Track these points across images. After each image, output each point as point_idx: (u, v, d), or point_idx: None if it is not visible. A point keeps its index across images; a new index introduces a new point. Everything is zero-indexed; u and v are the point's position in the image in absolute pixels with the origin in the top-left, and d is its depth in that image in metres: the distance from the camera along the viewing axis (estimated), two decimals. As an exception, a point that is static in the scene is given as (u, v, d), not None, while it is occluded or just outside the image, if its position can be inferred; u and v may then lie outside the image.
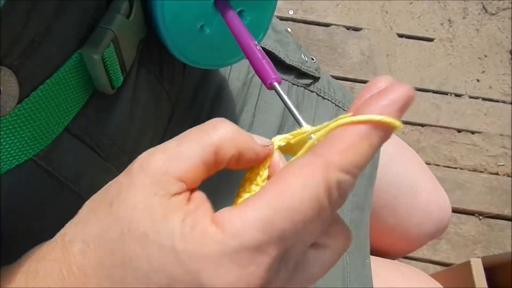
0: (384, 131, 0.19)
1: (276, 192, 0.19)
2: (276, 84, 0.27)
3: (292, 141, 0.24)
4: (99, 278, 0.20)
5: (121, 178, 0.21)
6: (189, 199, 0.21)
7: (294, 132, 0.24)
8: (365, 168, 0.21)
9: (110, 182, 0.22)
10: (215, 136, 0.21)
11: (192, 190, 0.21)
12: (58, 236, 0.22)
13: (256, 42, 0.30)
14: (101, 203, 0.21)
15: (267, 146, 0.24)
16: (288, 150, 0.25)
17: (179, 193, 0.20)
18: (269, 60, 0.28)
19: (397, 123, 0.19)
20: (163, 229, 0.19)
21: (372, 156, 0.20)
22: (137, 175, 0.20)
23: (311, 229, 0.19)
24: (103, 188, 0.22)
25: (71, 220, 0.22)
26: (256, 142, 0.23)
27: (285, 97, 0.26)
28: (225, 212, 0.19)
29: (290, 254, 0.20)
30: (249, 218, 0.18)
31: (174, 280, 0.18)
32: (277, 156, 0.24)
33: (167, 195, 0.20)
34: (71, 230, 0.22)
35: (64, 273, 0.20)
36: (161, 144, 0.22)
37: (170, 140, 0.22)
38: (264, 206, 0.18)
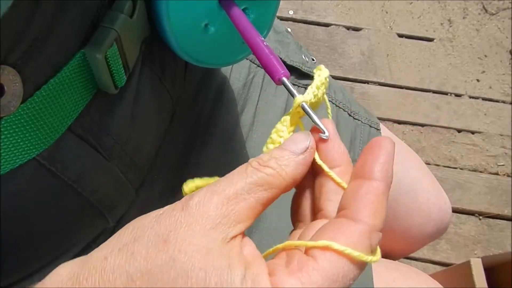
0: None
1: (331, 264, 0.20)
2: (284, 79, 0.27)
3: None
4: None
5: (177, 213, 0.21)
6: (241, 241, 0.21)
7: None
8: None
9: (161, 211, 0.22)
10: (263, 173, 0.22)
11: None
12: (96, 258, 0.21)
13: (263, 38, 0.30)
14: (151, 234, 0.21)
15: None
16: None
17: (236, 236, 0.21)
18: (276, 56, 0.28)
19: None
20: (226, 281, 0.19)
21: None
22: (195, 213, 0.21)
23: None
24: (151, 215, 0.22)
25: (111, 240, 0.22)
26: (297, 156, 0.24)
27: (295, 92, 0.26)
28: (284, 276, 0.20)
29: None
30: (306, 283, 0.19)
31: None
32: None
33: (226, 239, 0.21)
34: (114, 257, 0.21)
35: None
36: (213, 184, 0.22)
37: (219, 181, 0.22)
38: (321, 279, 0.20)
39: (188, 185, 0.25)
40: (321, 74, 0.27)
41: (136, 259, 0.20)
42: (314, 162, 0.25)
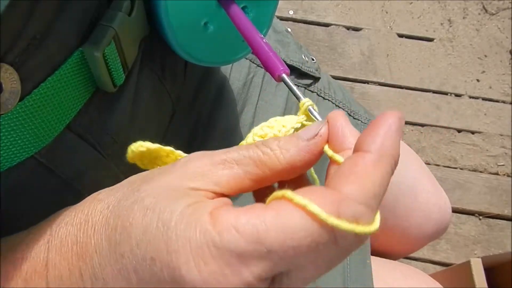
0: (394, 157, 0.21)
1: (278, 212, 0.18)
2: (284, 75, 0.27)
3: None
4: (101, 237, 0.21)
5: (171, 166, 0.22)
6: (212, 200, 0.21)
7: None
8: (382, 199, 0.20)
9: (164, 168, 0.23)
10: (260, 151, 0.22)
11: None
12: (94, 193, 0.24)
13: (262, 36, 0.30)
14: (138, 177, 0.23)
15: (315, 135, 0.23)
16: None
17: (202, 191, 0.21)
18: (276, 53, 0.28)
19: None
20: (169, 207, 0.19)
21: (387, 185, 0.20)
22: (180, 167, 0.22)
23: (306, 261, 0.18)
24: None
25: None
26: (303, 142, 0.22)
27: (294, 88, 0.26)
28: (225, 209, 0.19)
29: (282, 279, 0.19)
30: (240, 223, 0.18)
31: (156, 257, 0.18)
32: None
33: (194, 189, 0.21)
34: (105, 192, 0.23)
35: (82, 225, 0.22)
36: (214, 151, 0.22)
37: (219, 150, 0.22)
38: (260, 219, 0.18)
39: (134, 145, 0.24)
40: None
41: (116, 193, 0.22)
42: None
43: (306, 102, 0.26)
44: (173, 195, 0.20)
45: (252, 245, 0.17)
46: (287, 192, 0.18)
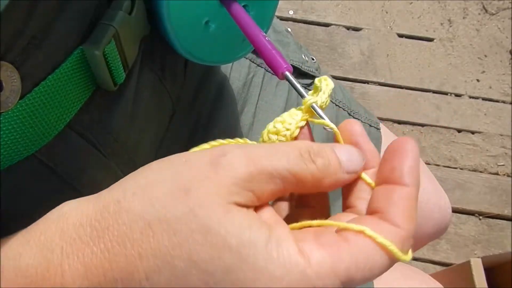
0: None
1: (366, 254, 0.20)
2: (288, 73, 0.27)
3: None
4: (156, 265, 0.19)
5: (203, 166, 0.20)
6: (259, 210, 0.21)
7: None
8: None
9: (184, 158, 0.21)
10: (307, 170, 0.21)
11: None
12: (108, 200, 0.21)
13: (264, 33, 0.30)
14: (171, 183, 0.20)
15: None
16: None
17: (251, 207, 0.20)
18: (279, 51, 0.28)
19: None
20: (250, 242, 0.19)
21: None
22: (224, 174, 0.20)
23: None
24: (173, 161, 0.21)
25: (124, 182, 0.21)
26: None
27: (298, 85, 0.26)
28: (313, 246, 0.19)
29: None
30: (338, 265, 0.19)
31: None
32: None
33: (246, 206, 0.20)
34: (129, 201, 0.20)
35: (114, 246, 0.20)
36: (250, 147, 0.21)
37: (259, 146, 0.21)
38: (350, 259, 0.19)
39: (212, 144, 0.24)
40: (328, 84, 0.27)
41: (154, 207, 0.20)
42: None
43: (309, 99, 0.26)
44: (240, 222, 0.19)
45: (344, 284, 0.19)
46: (367, 230, 0.20)
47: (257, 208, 0.21)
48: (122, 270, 0.19)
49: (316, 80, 0.27)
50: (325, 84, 0.27)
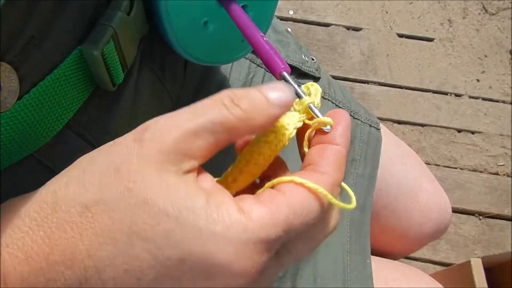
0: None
1: (297, 198, 0.21)
2: (285, 73, 0.27)
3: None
4: (98, 241, 0.19)
5: (129, 143, 0.21)
6: (197, 177, 0.21)
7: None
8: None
9: (112, 142, 0.22)
10: (231, 115, 0.21)
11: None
12: (44, 193, 0.21)
13: (262, 34, 0.30)
14: (101, 165, 0.21)
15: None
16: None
17: (189, 171, 0.21)
18: (276, 51, 0.28)
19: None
20: (187, 207, 0.19)
21: None
22: (150, 146, 0.20)
23: (303, 236, 0.23)
24: (101, 149, 0.22)
25: (59, 176, 0.22)
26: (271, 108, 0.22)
27: (295, 86, 0.27)
28: (252, 203, 0.20)
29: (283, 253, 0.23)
30: (277, 215, 0.20)
31: (189, 256, 0.19)
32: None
33: (179, 172, 0.20)
34: (64, 190, 0.21)
35: (53, 232, 0.20)
36: (173, 114, 0.21)
37: (182, 111, 0.21)
38: (287, 208, 0.21)
39: None
40: (317, 89, 0.28)
41: (88, 190, 0.20)
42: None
43: (306, 100, 0.26)
44: (176, 192, 0.20)
45: (286, 232, 0.20)
46: (296, 178, 0.22)
47: (197, 176, 0.21)
48: (64, 251, 0.20)
49: (303, 86, 0.28)
50: (314, 88, 0.28)
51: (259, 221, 0.20)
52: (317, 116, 0.25)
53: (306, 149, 0.26)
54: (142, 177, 0.20)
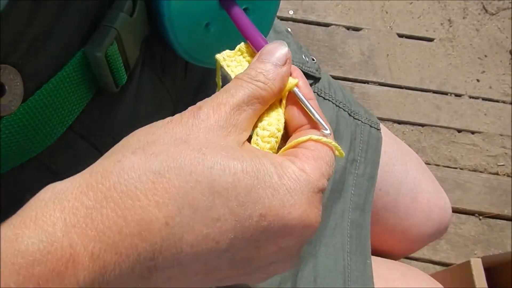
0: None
1: (323, 152, 0.24)
2: (296, 89, 0.28)
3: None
4: (177, 207, 0.19)
5: (189, 120, 0.23)
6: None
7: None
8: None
9: (166, 120, 0.23)
10: (257, 87, 0.25)
11: None
12: (105, 164, 0.20)
13: (264, 36, 0.30)
14: (167, 137, 0.22)
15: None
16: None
17: (244, 142, 0.23)
18: None
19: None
20: (260, 168, 0.21)
21: None
22: (209, 121, 0.23)
23: None
24: (156, 124, 0.23)
25: (116, 149, 0.22)
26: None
27: (307, 103, 0.27)
28: (302, 162, 0.23)
29: None
30: (323, 168, 0.24)
31: (269, 211, 0.21)
32: None
33: (239, 141, 0.23)
34: (130, 158, 0.20)
35: (125, 201, 0.19)
36: (213, 97, 0.24)
37: (218, 94, 0.24)
38: (323, 161, 0.24)
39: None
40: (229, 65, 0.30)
41: (158, 157, 0.20)
42: None
43: (291, 81, 0.27)
44: (246, 155, 0.22)
45: (328, 180, 0.24)
46: (313, 136, 0.25)
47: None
48: (139, 222, 0.19)
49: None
50: (226, 64, 0.30)
51: (314, 174, 0.23)
52: (303, 103, 0.27)
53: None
54: (214, 144, 0.21)
